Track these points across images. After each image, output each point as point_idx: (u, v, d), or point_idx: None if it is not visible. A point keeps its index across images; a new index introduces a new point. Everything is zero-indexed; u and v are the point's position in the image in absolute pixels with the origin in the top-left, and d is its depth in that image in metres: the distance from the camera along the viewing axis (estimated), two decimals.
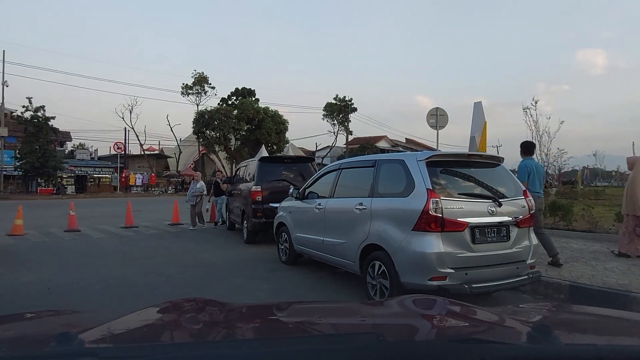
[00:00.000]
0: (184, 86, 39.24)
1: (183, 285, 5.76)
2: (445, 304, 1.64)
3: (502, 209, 4.50)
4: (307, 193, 6.65)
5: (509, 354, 0.92)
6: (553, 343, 0.98)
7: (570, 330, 1.30)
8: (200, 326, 1.35)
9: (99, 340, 1.10)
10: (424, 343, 1.06)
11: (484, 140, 11.30)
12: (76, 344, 0.97)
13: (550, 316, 1.55)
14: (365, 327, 1.36)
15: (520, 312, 1.52)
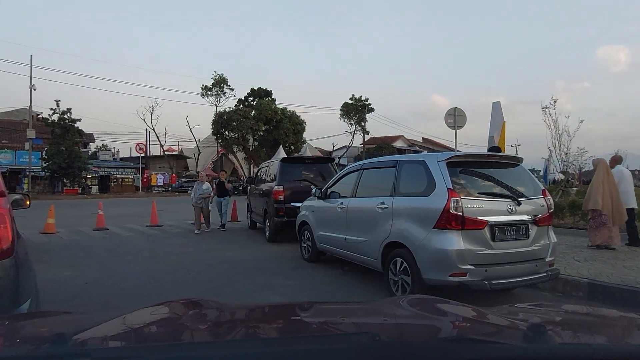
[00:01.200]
0: (203, 87, 39.87)
1: (211, 281, 6.03)
2: (441, 304, 1.66)
3: (521, 208, 4.63)
4: (329, 193, 6.85)
5: (505, 353, 0.93)
6: (548, 343, 0.98)
7: (566, 330, 1.31)
8: (197, 326, 1.36)
9: (96, 341, 1.13)
10: (420, 343, 1.06)
11: (502, 140, 11.34)
12: (73, 344, 0.98)
13: (546, 316, 1.55)
14: (361, 327, 1.36)
15: (516, 312, 1.52)
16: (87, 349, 1.00)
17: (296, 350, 0.93)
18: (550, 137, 12.70)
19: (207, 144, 42.04)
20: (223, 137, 36.90)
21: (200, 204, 11.46)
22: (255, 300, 5.08)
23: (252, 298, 5.19)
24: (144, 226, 12.71)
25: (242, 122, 35.14)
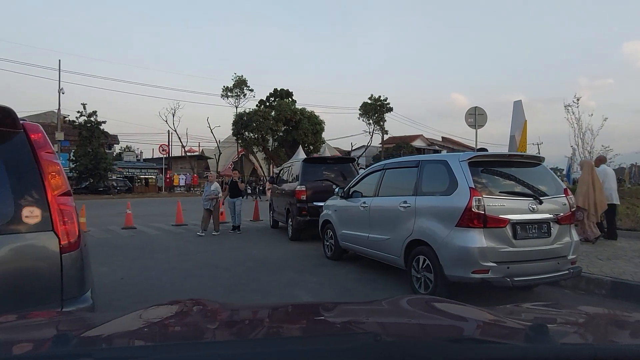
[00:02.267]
0: (224, 89, 40.46)
1: (238, 277, 6.26)
2: (442, 304, 1.67)
3: (543, 207, 4.71)
4: (351, 192, 7.01)
5: (506, 353, 0.93)
6: (550, 342, 0.98)
7: (568, 330, 1.31)
8: (197, 326, 1.36)
9: (98, 341, 1.13)
10: (422, 343, 1.06)
11: (524, 139, 11.30)
12: (75, 344, 0.98)
13: (548, 316, 1.55)
14: (362, 326, 1.36)
15: (518, 311, 1.52)
16: (89, 348, 1.00)
17: (297, 350, 0.94)
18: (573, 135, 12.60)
19: (227, 144, 42.65)
20: (243, 137, 37.43)
21: (208, 205, 11.07)
22: (283, 295, 5.29)
23: (279, 294, 5.39)
24: (170, 225, 13.09)
25: (262, 123, 35.58)
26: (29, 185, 2.05)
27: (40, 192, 2.06)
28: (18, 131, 2.14)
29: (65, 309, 2.03)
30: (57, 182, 2.14)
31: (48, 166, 2.13)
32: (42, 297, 2.02)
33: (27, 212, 2.00)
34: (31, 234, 2.01)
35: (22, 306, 1.94)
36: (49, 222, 2.05)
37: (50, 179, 2.11)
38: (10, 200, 1.99)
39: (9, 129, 2.11)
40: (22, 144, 2.12)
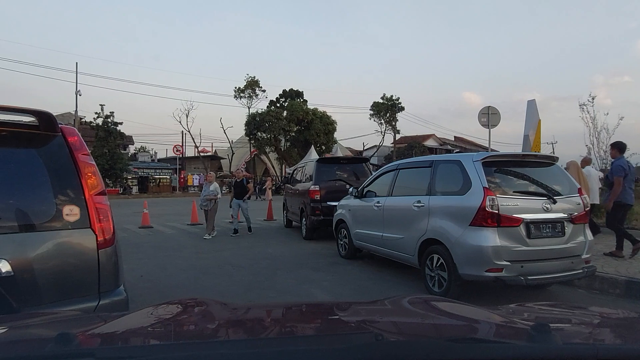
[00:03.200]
0: (236, 90, 40.76)
1: (255, 274, 6.40)
2: (443, 303, 1.68)
3: (556, 206, 4.75)
4: (365, 192, 7.11)
5: (507, 353, 0.93)
6: (551, 342, 0.98)
7: (569, 330, 1.31)
8: (198, 326, 1.37)
9: (98, 341, 1.14)
10: (422, 342, 1.06)
11: (538, 139, 11.26)
12: (75, 344, 0.98)
13: (548, 315, 1.56)
14: (363, 326, 1.36)
15: (519, 311, 1.52)
16: (90, 348, 1.01)
17: (298, 350, 0.94)
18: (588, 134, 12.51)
19: (240, 144, 42.98)
20: (256, 138, 37.69)
21: (206, 206, 10.51)
22: (299, 293, 5.41)
23: (295, 291, 5.51)
24: (185, 224, 13.31)
25: (274, 123, 35.78)
26: (68, 185, 2.19)
27: (79, 191, 2.20)
28: (57, 134, 2.28)
29: (102, 301, 2.17)
30: (93, 182, 2.28)
31: (85, 167, 2.27)
32: (81, 289, 2.16)
33: (67, 211, 2.14)
34: (71, 230, 2.15)
35: (63, 297, 2.08)
36: (86, 220, 2.19)
37: (87, 179, 2.25)
38: (52, 200, 2.13)
39: (49, 133, 2.25)
40: (61, 147, 2.26)
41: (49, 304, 2.02)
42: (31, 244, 2.04)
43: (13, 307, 1.93)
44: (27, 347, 1.11)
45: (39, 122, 2.22)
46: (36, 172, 2.16)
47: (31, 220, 2.07)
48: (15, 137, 2.20)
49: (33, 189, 2.14)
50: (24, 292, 1.97)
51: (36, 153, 2.21)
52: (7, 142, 2.18)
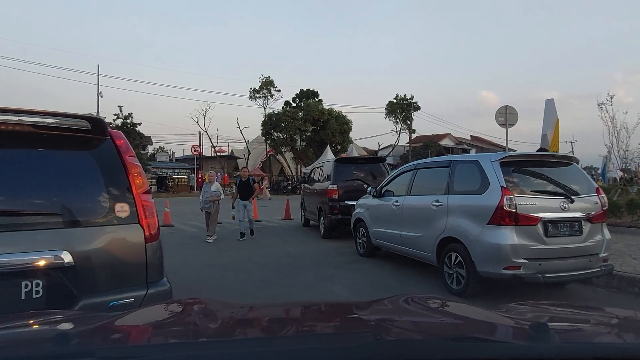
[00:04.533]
0: (251, 90, 41.16)
1: (276, 272, 6.60)
2: (442, 302, 1.68)
3: (574, 205, 4.83)
4: (383, 191, 7.25)
5: (507, 352, 0.93)
6: (550, 341, 0.97)
7: (568, 329, 1.32)
8: (198, 326, 1.37)
9: (98, 341, 1.14)
10: (421, 341, 1.06)
11: (556, 138, 11.26)
12: (76, 343, 0.98)
13: (548, 314, 1.56)
14: (362, 325, 1.36)
15: (518, 310, 1.52)
16: (90, 348, 1.00)
17: (297, 349, 0.94)
18: (608, 133, 12.39)
19: (256, 144, 43.37)
20: (272, 137, 38.03)
21: (209, 208, 9.99)
22: (320, 289, 5.58)
23: (316, 288, 5.68)
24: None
25: (290, 123, 36.05)
26: (118, 184, 2.40)
27: (128, 190, 2.41)
28: (106, 138, 2.50)
29: (149, 290, 2.37)
30: (140, 181, 2.48)
31: (132, 167, 2.48)
32: (131, 279, 2.37)
33: (118, 208, 2.35)
34: (122, 226, 2.36)
35: (115, 286, 2.29)
36: (135, 216, 2.39)
37: (134, 178, 2.46)
38: (105, 197, 2.34)
39: (100, 136, 2.47)
40: (111, 149, 2.47)
41: (103, 292, 2.23)
42: (88, 238, 2.25)
43: (74, 294, 2.15)
44: (27, 347, 1.11)
45: (91, 127, 2.43)
46: (91, 173, 2.37)
47: (88, 216, 2.28)
48: (72, 141, 2.42)
49: (89, 188, 2.35)
50: (83, 280, 2.18)
51: (90, 155, 2.43)
52: (66, 145, 2.40)
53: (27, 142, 2.31)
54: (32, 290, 2.05)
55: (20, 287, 2.03)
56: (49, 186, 2.27)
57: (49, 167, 2.32)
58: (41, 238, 2.11)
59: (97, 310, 2.14)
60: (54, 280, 2.11)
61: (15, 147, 2.28)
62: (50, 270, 2.10)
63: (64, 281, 2.13)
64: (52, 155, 2.37)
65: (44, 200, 2.23)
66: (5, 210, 2.09)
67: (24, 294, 2.04)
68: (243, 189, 10.17)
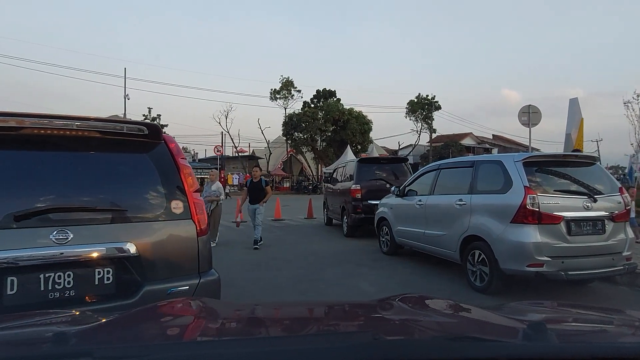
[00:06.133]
0: (272, 91, 41.66)
1: (303, 268, 6.84)
2: (441, 302, 1.69)
3: (597, 205, 4.92)
4: (407, 191, 7.42)
5: (505, 352, 0.93)
6: (549, 341, 0.98)
7: (567, 329, 1.32)
8: (197, 325, 1.37)
9: (96, 340, 1.13)
10: (421, 341, 1.06)
11: (580, 137, 11.20)
12: (73, 343, 0.98)
13: (546, 314, 1.56)
14: (361, 325, 1.36)
15: (517, 310, 1.53)
16: (88, 348, 1.00)
17: (296, 350, 0.94)
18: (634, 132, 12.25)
19: (276, 144, 43.85)
20: (293, 138, 38.45)
21: (207, 209, 8.66)
22: (347, 286, 5.79)
23: (343, 284, 5.89)
24: (230, 222, 13.96)
25: (310, 124, 36.38)
26: (173, 184, 2.67)
27: (181, 189, 2.67)
28: (160, 142, 2.77)
29: (202, 279, 2.63)
30: (191, 181, 2.75)
31: (184, 169, 2.74)
32: (185, 269, 2.63)
33: (174, 205, 2.61)
34: (177, 221, 2.62)
35: (172, 275, 2.56)
36: (188, 213, 2.66)
37: (186, 178, 2.72)
38: (162, 196, 2.61)
39: (155, 140, 2.74)
40: (165, 152, 2.74)
41: (163, 280, 2.50)
42: (149, 231, 2.52)
43: (138, 281, 2.42)
44: (26, 347, 1.11)
45: (148, 132, 2.71)
46: (150, 173, 2.65)
47: (149, 212, 2.56)
48: (132, 145, 2.70)
49: (149, 187, 2.62)
50: (146, 269, 2.45)
51: (148, 157, 2.70)
52: (127, 149, 2.68)
53: (95, 146, 2.60)
54: (104, 277, 2.33)
55: (94, 274, 2.31)
56: (115, 185, 2.55)
57: (114, 168, 2.61)
58: (110, 231, 2.39)
59: (159, 296, 2.41)
60: (122, 269, 2.39)
61: (86, 150, 2.57)
62: (118, 260, 2.38)
63: (129, 269, 2.40)
64: (117, 157, 2.65)
65: (112, 198, 2.51)
66: (81, 207, 2.38)
67: (97, 280, 2.32)
68: (254, 191, 8.90)
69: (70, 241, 2.24)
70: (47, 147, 2.48)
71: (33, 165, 2.40)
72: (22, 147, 2.43)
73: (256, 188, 8.93)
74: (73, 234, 2.26)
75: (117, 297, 2.36)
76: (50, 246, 2.20)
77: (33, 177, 2.35)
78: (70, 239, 2.24)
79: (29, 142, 2.44)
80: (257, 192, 8.90)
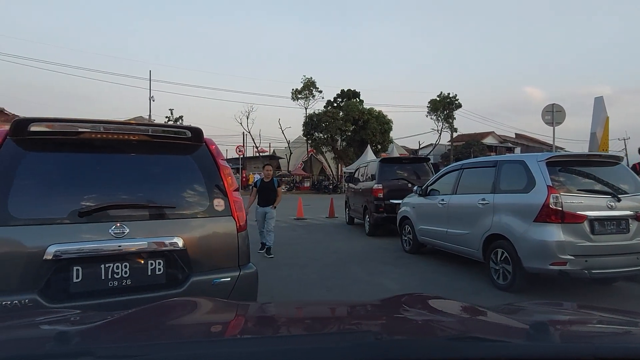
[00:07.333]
0: (293, 91, 41.99)
1: (327, 266, 7.02)
2: (443, 302, 1.70)
3: (621, 204, 4.96)
4: (429, 190, 7.53)
5: (507, 352, 0.92)
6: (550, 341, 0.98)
7: (568, 329, 1.32)
8: (198, 325, 1.38)
9: (99, 339, 1.14)
10: (422, 341, 1.06)
11: (605, 136, 11.06)
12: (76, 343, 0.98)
13: (548, 315, 1.55)
14: (362, 325, 1.37)
15: (518, 310, 1.54)
16: (90, 347, 1.00)
17: (297, 349, 0.95)
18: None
19: (297, 144, 44.20)
20: (313, 138, 38.72)
21: None
22: (371, 283, 5.95)
23: (367, 281, 6.05)
24: (253, 221, 14.21)
25: (331, 124, 36.57)
26: (215, 183, 2.89)
27: (222, 188, 2.89)
28: (202, 144, 2.99)
29: (242, 272, 2.84)
30: (230, 180, 2.96)
31: (224, 169, 2.96)
32: (227, 262, 2.84)
33: (216, 203, 2.83)
34: (219, 217, 2.84)
35: (215, 267, 2.77)
36: (229, 210, 2.87)
37: (226, 178, 2.94)
38: (206, 194, 2.83)
39: (198, 143, 2.97)
40: (206, 153, 2.96)
41: (207, 272, 2.72)
42: (195, 227, 2.74)
43: (186, 272, 2.64)
44: (27, 346, 1.12)
45: (191, 135, 2.93)
46: (194, 173, 2.87)
47: (194, 209, 2.78)
48: (177, 147, 2.93)
49: (193, 185, 2.85)
50: (192, 261, 2.67)
51: (191, 158, 2.92)
52: (173, 151, 2.92)
53: (145, 149, 2.84)
54: (155, 268, 2.56)
55: (147, 266, 2.55)
56: (164, 184, 2.78)
57: (162, 168, 2.84)
58: (161, 226, 2.63)
59: (205, 287, 2.63)
60: (171, 261, 2.62)
61: (137, 152, 2.81)
62: (168, 253, 2.61)
63: (178, 262, 2.63)
64: (164, 159, 2.89)
65: (161, 196, 2.74)
66: (135, 204, 2.62)
67: (150, 270, 2.55)
68: (265, 192, 7.95)
69: (126, 235, 2.48)
70: (103, 149, 2.74)
71: (91, 166, 2.65)
72: (81, 150, 2.69)
73: (267, 188, 7.94)
74: (129, 228, 2.50)
75: (167, 286, 2.59)
76: (110, 239, 2.44)
77: (92, 177, 2.61)
78: (126, 233, 2.48)
79: (87, 146, 2.70)
80: (268, 193, 7.94)
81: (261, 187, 7.96)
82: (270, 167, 8.45)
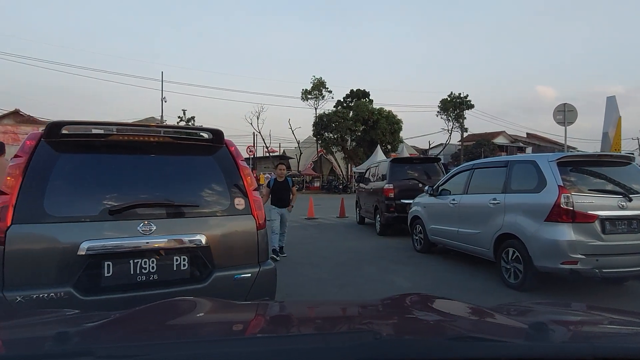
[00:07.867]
0: (303, 91, 42.14)
1: (341, 265, 7.12)
2: (443, 302, 1.71)
3: (632, 204, 4.99)
4: (440, 190, 7.60)
5: (506, 352, 0.92)
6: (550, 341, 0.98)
7: (568, 329, 1.32)
8: (198, 325, 1.38)
9: (99, 339, 1.15)
10: (422, 341, 1.06)
11: (618, 136, 11.05)
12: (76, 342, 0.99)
13: (547, 315, 1.55)
14: (362, 324, 1.37)
15: (518, 310, 1.54)
16: (90, 347, 1.01)
17: (298, 349, 0.95)
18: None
19: (307, 144, 44.34)
20: (323, 138, 38.85)
21: None
22: (383, 281, 6.04)
23: (380, 279, 6.15)
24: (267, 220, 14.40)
25: (340, 124, 36.66)
26: (235, 183, 3.02)
27: (242, 188, 3.02)
28: (223, 145, 3.12)
29: (261, 268, 2.97)
30: (250, 180, 3.09)
31: (244, 170, 3.08)
32: (247, 259, 2.96)
33: (237, 202, 2.96)
34: (240, 216, 2.96)
35: (237, 263, 2.90)
36: (249, 209, 3.00)
37: (246, 178, 3.06)
38: (227, 194, 2.96)
39: (218, 144, 3.09)
40: (227, 154, 3.09)
41: (229, 267, 2.85)
42: (217, 225, 2.87)
43: (209, 268, 2.77)
44: (27, 346, 1.12)
45: (212, 136, 3.06)
46: (215, 173, 3.00)
47: (216, 208, 2.91)
48: (199, 148, 3.07)
49: (215, 185, 2.98)
50: (215, 258, 2.80)
51: (213, 159, 3.05)
52: (195, 152, 3.05)
53: (170, 150, 2.98)
54: (180, 263, 2.70)
55: (173, 261, 2.68)
56: (187, 184, 2.92)
57: (185, 169, 2.98)
58: (185, 224, 2.76)
59: (227, 282, 2.75)
60: (195, 257, 2.75)
61: (162, 154, 2.95)
62: (192, 249, 2.74)
63: (201, 258, 2.76)
64: (187, 160, 3.03)
65: (185, 195, 2.88)
66: (162, 203, 2.76)
67: (175, 265, 2.69)
68: (279, 192, 7.57)
69: (153, 232, 2.62)
70: (130, 151, 2.88)
71: (120, 167, 2.80)
72: (110, 151, 2.83)
73: (282, 188, 7.58)
74: (156, 226, 2.63)
75: (192, 281, 2.72)
76: (138, 236, 2.58)
77: (120, 177, 2.75)
78: (153, 230, 2.62)
79: (115, 147, 2.84)
80: (283, 193, 7.58)
81: (275, 187, 7.62)
82: (283, 165, 8.05)
